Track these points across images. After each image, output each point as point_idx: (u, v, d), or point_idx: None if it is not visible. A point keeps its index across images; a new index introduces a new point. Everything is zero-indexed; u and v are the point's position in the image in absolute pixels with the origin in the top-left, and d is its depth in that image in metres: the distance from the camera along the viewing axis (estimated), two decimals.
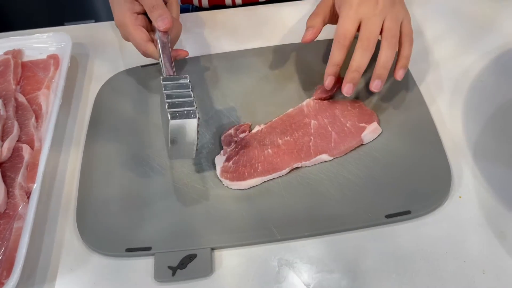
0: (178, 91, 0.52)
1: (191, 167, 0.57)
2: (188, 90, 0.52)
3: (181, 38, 0.64)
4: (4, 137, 0.60)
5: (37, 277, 0.51)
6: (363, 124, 0.58)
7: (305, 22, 0.61)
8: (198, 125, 0.50)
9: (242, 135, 0.59)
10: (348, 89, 0.57)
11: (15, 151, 0.59)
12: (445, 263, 0.48)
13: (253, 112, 0.62)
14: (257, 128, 0.60)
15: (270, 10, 0.76)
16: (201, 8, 0.85)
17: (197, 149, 0.52)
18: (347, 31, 0.56)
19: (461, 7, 0.72)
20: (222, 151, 0.58)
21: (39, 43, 0.72)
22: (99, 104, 0.66)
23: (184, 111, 0.50)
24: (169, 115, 0.49)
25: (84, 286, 0.50)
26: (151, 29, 0.62)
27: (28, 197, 0.55)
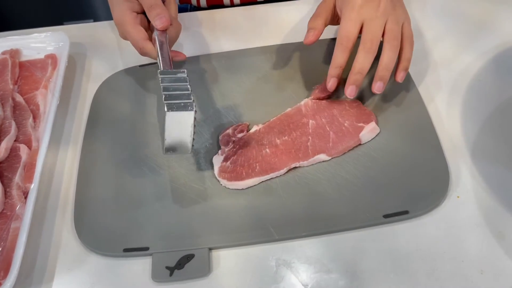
0: (176, 84, 0.51)
1: (188, 166, 0.57)
2: (186, 84, 0.52)
3: (179, 37, 0.64)
4: (1, 137, 0.60)
5: (35, 277, 0.51)
6: (361, 124, 0.58)
7: (304, 22, 0.61)
8: (195, 118, 0.50)
9: (240, 135, 0.59)
10: (351, 91, 0.57)
11: (13, 151, 0.59)
12: (443, 263, 0.48)
13: (251, 111, 0.62)
14: (255, 128, 0.60)
15: (268, 10, 0.76)
16: (199, 8, 0.85)
17: (192, 144, 0.52)
18: (349, 33, 0.56)
19: (458, 8, 0.72)
20: (220, 151, 0.58)
21: (36, 42, 0.71)
22: (97, 104, 0.66)
23: (181, 103, 0.49)
24: (165, 106, 0.49)
25: (82, 286, 0.50)
26: (150, 29, 0.62)
27: (26, 197, 0.55)
